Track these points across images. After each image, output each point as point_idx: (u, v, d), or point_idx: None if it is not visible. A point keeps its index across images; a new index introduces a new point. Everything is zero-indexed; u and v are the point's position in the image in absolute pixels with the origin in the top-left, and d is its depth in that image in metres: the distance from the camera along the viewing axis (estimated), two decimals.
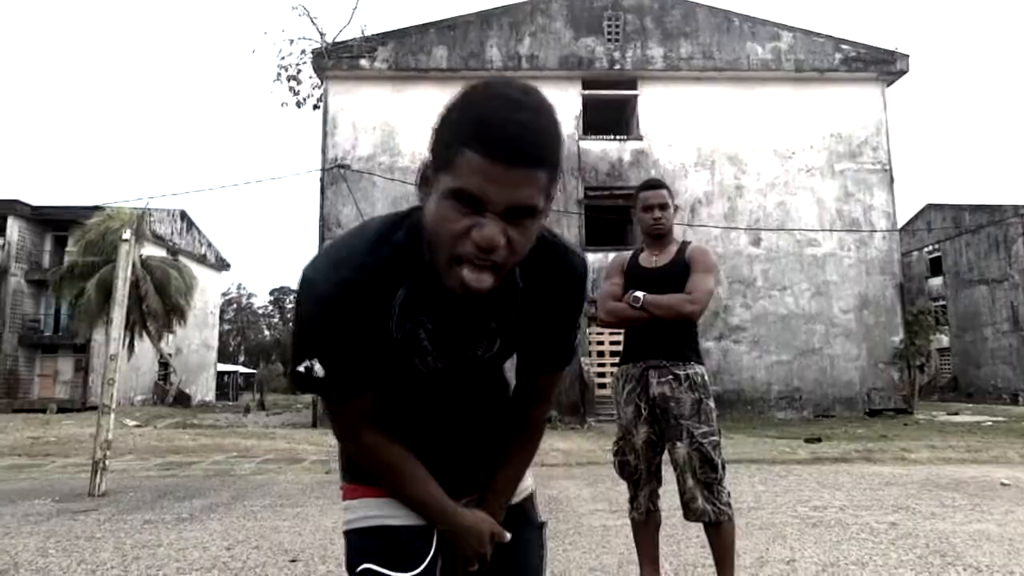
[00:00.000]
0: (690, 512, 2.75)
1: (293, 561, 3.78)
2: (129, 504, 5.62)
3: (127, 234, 6.74)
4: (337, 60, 17.57)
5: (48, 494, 6.15)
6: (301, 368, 1.06)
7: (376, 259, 1.01)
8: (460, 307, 1.05)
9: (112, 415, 6.46)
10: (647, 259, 2.96)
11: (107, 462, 6.28)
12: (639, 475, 2.88)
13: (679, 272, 2.85)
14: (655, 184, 3.03)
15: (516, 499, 1.30)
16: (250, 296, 74.14)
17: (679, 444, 2.74)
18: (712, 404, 2.82)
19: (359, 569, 1.15)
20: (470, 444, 1.23)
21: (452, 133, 0.92)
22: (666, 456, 2.86)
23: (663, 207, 2.93)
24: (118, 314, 6.61)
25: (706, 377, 2.86)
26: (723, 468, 2.76)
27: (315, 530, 4.55)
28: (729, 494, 2.78)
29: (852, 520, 4.67)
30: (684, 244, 2.98)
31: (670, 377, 2.79)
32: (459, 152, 0.89)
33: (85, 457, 8.94)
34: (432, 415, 1.18)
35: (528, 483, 1.35)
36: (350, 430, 1.14)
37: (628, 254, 3.05)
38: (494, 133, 0.88)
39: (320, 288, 1.00)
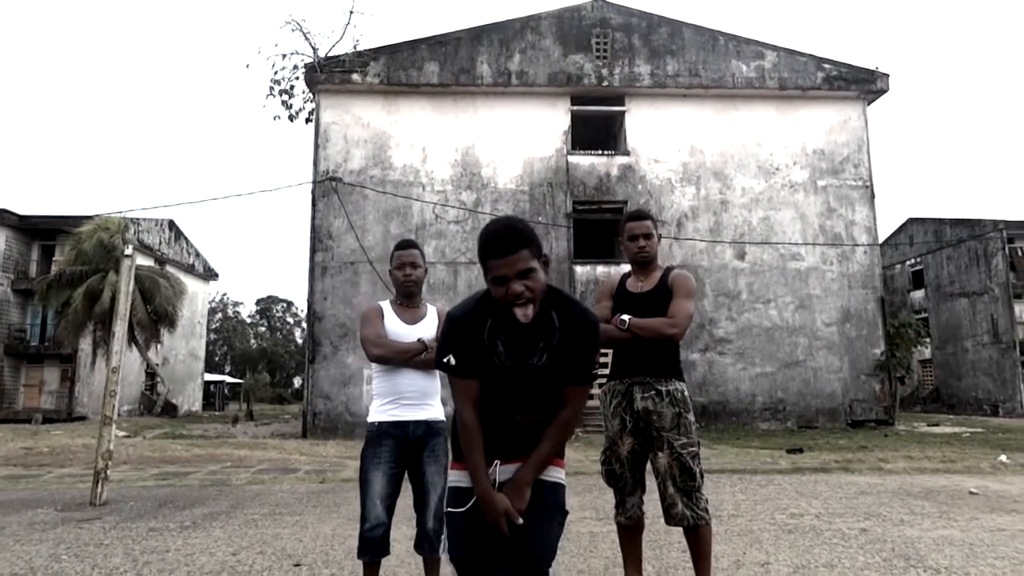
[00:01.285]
0: (670, 517, 3.00)
1: (297, 565, 3.98)
2: (131, 513, 5.78)
3: (129, 249, 6.91)
4: (329, 75, 17.78)
5: (49, 503, 6.30)
6: (444, 360, 2.04)
7: (479, 305, 2.04)
8: (521, 329, 1.97)
9: (113, 426, 6.62)
10: (633, 284, 3.22)
11: (108, 472, 6.43)
12: (624, 483, 3.12)
13: (662, 296, 3.11)
14: (640, 215, 3.30)
15: (548, 478, 2.06)
16: (236, 305, 73.68)
17: (660, 454, 3.00)
18: (691, 418, 3.08)
19: (445, 512, 2.10)
20: (521, 424, 2.06)
21: (479, 253, 1.95)
22: (649, 465, 3.11)
23: (647, 236, 3.20)
24: (120, 327, 6.78)
25: (686, 393, 3.11)
26: (701, 477, 3.02)
27: (315, 536, 4.75)
28: (707, 500, 3.03)
29: (825, 526, 4.93)
30: (668, 269, 3.25)
31: (653, 393, 3.04)
32: (485, 261, 1.92)
33: (80, 467, 9.08)
34: (502, 399, 2.04)
35: (561, 477, 2.12)
36: (464, 405, 2.04)
37: (617, 279, 3.31)
38: (491, 245, 1.91)
39: (455, 318, 2.05)
